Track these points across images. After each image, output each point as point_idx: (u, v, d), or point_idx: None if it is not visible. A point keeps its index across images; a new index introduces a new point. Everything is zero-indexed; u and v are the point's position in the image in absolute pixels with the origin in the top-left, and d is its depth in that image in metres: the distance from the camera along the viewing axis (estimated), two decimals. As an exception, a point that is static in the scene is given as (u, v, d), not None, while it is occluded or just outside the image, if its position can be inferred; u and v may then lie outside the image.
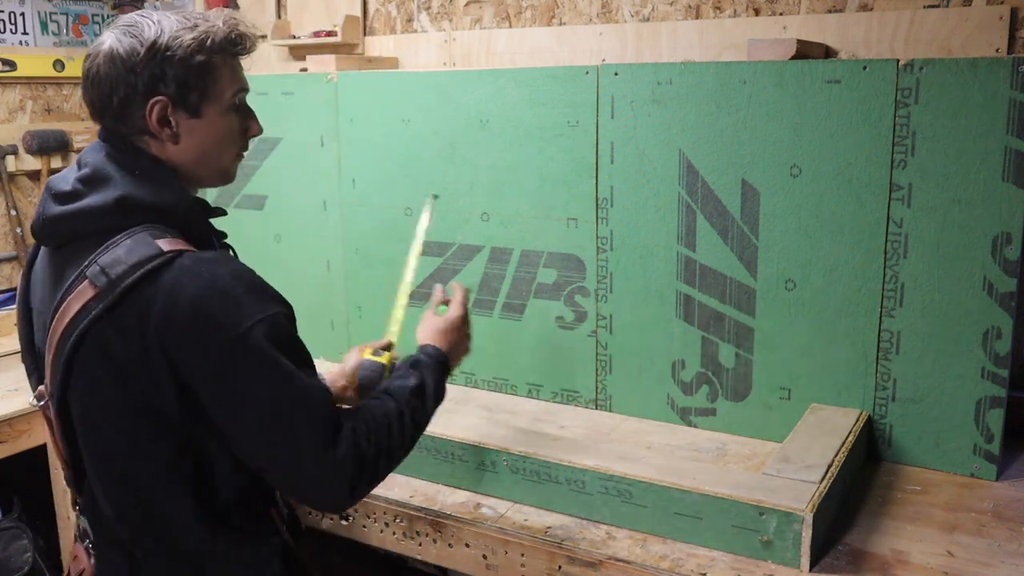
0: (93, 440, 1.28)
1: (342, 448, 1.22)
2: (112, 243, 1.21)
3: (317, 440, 1.20)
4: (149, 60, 1.22)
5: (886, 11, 2.06)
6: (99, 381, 1.22)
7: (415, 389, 1.40)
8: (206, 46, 1.24)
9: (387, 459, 1.30)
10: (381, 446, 1.27)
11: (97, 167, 1.26)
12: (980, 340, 1.73)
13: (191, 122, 1.27)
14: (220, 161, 1.33)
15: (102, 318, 1.18)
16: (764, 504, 1.48)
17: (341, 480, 1.22)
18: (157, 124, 1.25)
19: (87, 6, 3.28)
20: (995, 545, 1.53)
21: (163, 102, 1.24)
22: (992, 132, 1.65)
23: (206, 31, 1.24)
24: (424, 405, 1.40)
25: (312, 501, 1.34)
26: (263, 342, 1.17)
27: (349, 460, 1.22)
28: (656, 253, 1.99)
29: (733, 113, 1.85)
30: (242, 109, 1.34)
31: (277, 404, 1.19)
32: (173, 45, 1.22)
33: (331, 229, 2.45)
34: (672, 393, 2.05)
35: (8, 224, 3.12)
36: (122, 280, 1.17)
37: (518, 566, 1.61)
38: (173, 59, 1.22)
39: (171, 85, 1.23)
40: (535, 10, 2.53)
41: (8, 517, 2.73)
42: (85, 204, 1.23)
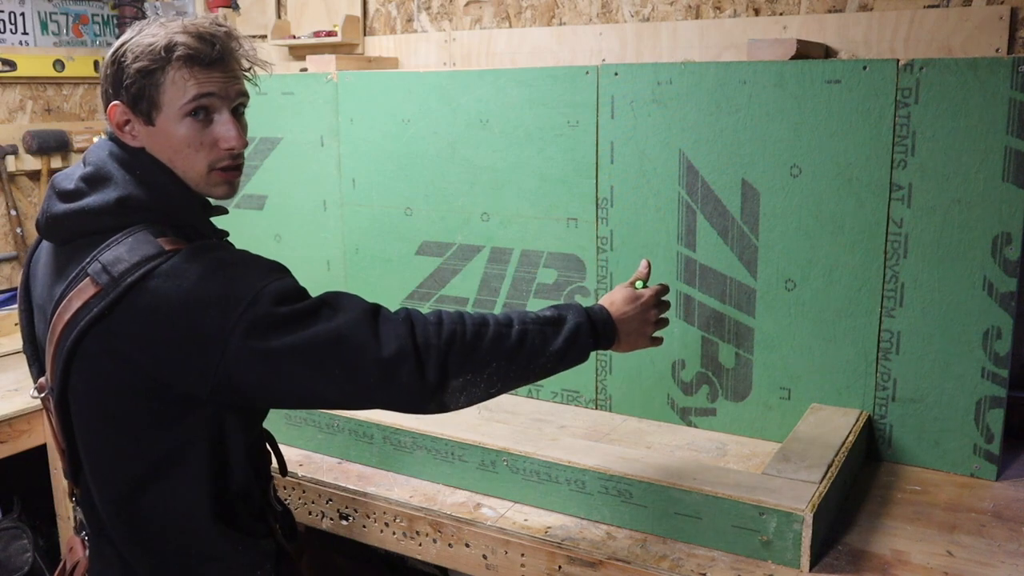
0: (91, 437, 1.29)
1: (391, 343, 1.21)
2: (113, 241, 1.22)
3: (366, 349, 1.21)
4: (111, 65, 1.26)
5: (886, 11, 2.06)
6: (101, 378, 1.23)
7: (544, 318, 1.36)
8: (147, 53, 1.23)
9: (471, 355, 1.26)
10: (458, 342, 1.25)
11: (99, 166, 1.27)
12: (980, 340, 1.73)
13: (147, 129, 1.27)
14: (188, 171, 1.29)
15: (104, 315, 1.18)
16: (764, 504, 1.48)
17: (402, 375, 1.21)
18: (118, 128, 1.28)
19: (87, 6, 3.28)
20: (995, 545, 1.53)
21: (120, 107, 1.26)
22: (992, 132, 1.65)
23: (155, 38, 1.23)
24: (545, 338, 1.34)
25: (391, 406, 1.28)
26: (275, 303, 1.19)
27: (406, 352, 1.21)
28: (656, 253, 1.99)
29: (733, 113, 1.85)
30: (206, 119, 1.28)
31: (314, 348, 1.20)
32: (128, 52, 1.24)
33: (331, 229, 2.45)
34: (672, 393, 2.05)
35: (8, 224, 3.12)
36: (124, 278, 1.17)
37: (518, 566, 1.61)
38: (124, 65, 1.24)
39: (126, 92, 1.25)
40: (535, 10, 2.53)
41: (8, 517, 2.73)
42: (87, 203, 1.25)
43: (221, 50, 1.28)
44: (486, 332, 1.30)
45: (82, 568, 1.41)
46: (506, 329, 1.32)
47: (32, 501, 2.74)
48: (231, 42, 1.30)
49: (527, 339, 1.33)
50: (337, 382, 1.22)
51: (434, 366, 1.24)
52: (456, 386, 1.26)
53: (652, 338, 1.53)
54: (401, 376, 1.22)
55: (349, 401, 1.27)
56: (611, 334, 1.45)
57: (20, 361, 2.56)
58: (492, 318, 1.33)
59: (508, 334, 1.31)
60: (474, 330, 1.29)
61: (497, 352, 1.30)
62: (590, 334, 1.40)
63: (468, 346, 1.27)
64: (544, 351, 1.35)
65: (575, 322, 1.39)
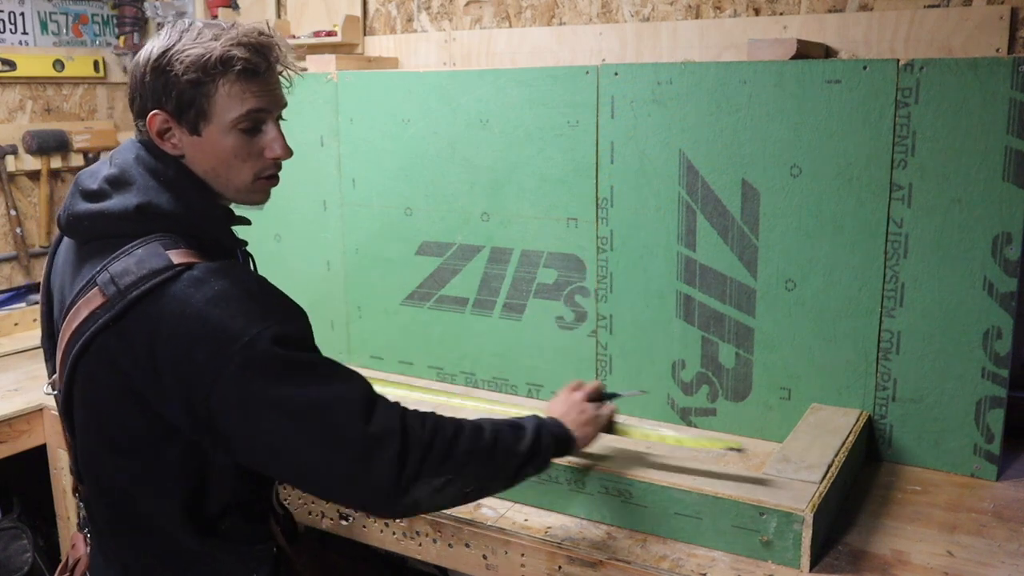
0: (87, 440, 1.30)
1: (381, 421, 1.17)
2: (124, 251, 1.21)
3: (354, 420, 1.16)
4: (153, 73, 1.23)
5: (886, 11, 2.06)
6: (99, 387, 1.23)
7: (508, 422, 1.36)
8: (199, 64, 1.21)
9: (451, 455, 1.22)
10: (441, 438, 1.21)
11: (124, 169, 1.26)
12: (980, 340, 1.73)
13: (192, 139, 1.26)
14: (233, 180, 1.30)
15: (108, 327, 1.18)
16: (764, 504, 1.48)
17: (384, 458, 1.15)
18: (158, 136, 1.26)
19: (87, 6, 3.28)
20: (995, 545, 1.53)
21: (163, 116, 1.25)
22: (992, 132, 1.65)
23: (207, 49, 1.22)
24: (517, 439, 1.33)
25: (358, 497, 1.22)
26: (278, 346, 1.15)
27: (394, 434, 1.17)
28: (656, 253, 1.99)
29: (733, 113, 1.85)
30: (255, 129, 1.28)
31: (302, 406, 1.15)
32: (175, 60, 1.22)
33: (331, 229, 2.45)
34: (672, 393, 2.05)
35: (8, 224, 3.12)
36: (130, 291, 1.17)
37: (518, 566, 1.61)
38: (171, 74, 1.22)
39: (171, 101, 1.23)
40: (535, 10, 2.53)
41: (8, 517, 2.73)
42: (107, 206, 1.24)
43: (272, 62, 1.28)
44: (463, 432, 1.27)
45: (83, 565, 1.42)
46: (480, 430, 1.30)
47: (32, 501, 2.74)
48: (279, 53, 1.30)
49: (499, 440, 1.31)
50: (316, 447, 1.15)
51: (415, 460, 1.19)
52: (436, 485, 1.22)
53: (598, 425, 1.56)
54: (383, 458, 1.16)
55: (321, 474, 1.18)
56: (565, 432, 1.46)
57: (20, 361, 2.56)
58: (465, 422, 1.30)
59: (483, 435, 1.29)
60: (454, 429, 1.26)
61: (475, 451, 1.26)
62: (549, 436, 1.41)
63: (449, 443, 1.23)
64: (515, 451, 1.33)
65: (535, 426, 1.39)
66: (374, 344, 2.45)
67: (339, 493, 1.23)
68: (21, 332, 2.85)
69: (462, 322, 2.29)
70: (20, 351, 2.63)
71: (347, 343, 2.49)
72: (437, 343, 2.34)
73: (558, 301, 2.14)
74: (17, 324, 2.86)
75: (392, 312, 2.39)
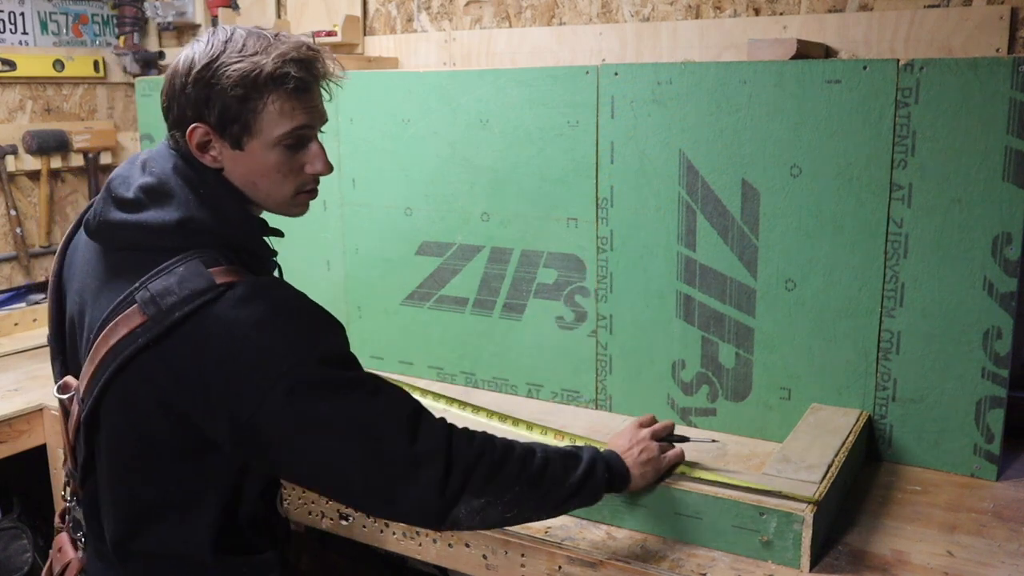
0: (114, 458, 1.28)
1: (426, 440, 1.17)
2: (165, 268, 1.19)
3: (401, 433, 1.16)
4: (196, 84, 1.21)
5: (886, 11, 2.06)
6: (135, 405, 1.22)
7: (562, 450, 1.35)
8: (248, 80, 1.19)
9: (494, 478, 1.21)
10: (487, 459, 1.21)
11: (163, 179, 1.24)
12: (980, 340, 1.73)
13: (233, 153, 1.25)
14: (272, 194, 1.30)
15: (149, 347, 1.17)
16: (764, 504, 1.48)
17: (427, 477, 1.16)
18: (197, 149, 1.25)
19: (87, 6, 3.28)
20: (995, 545, 1.53)
21: (204, 129, 1.23)
22: (992, 132, 1.65)
23: (256, 63, 1.19)
24: (566, 469, 1.31)
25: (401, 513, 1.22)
26: (320, 368, 1.16)
27: (439, 453, 1.17)
28: (656, 253, 1.99)
29: (733, 113, 1.85)
30: (299, 145, 1.28)
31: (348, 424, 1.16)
32: (220, 74, 1.19)
33: (331, 229, 2.45)
34: (672, 393, 2.05)
35: (8, 224, 3.12)
36: (172, 312, 1.16)
37: (518, 566, 1.61)
38: (216, 88, 1.20)
39: (214, 114, 1.21)
40: (535, 10, 2.53)
41: (8, 517, 2.73)
42: (146, 218, 1.22)
43: (318, 77, 1.27)
44: (512, 455, 1.26)
45: (74, 570, 1.39)
46: (531, 455, 1.28)
47: (32, 501, 2.74)
48: (325, 67, 1.28)
49: (549, 467, 1.29)
50: (361, 464, 1.17)
51: (458, 479, 1.19)
52: (476, 506, 1.21)
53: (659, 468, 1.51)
54: (427, 477, 1.17)
55: (365, 492, 1.19)
56: (622, 469, 1.43)
57: (20, 361, 2.56)
58: (517, 443, 1.29)
59: (533, 460, 1.27)
60: (502, 451, 1.25)
61: (521, 476, 1.25)
62: (604, 471, 1.39)
63: (495, 465, 1.23)
64: (564, 481, 1.31)
65: (591, 457, 1.37)
66: (374, 344, 2.45)
67: (382, 510, 1.23)
68: (21, 332, 2.84)
69: (462, 322, 2.29)
70: (20, 351, 2.63)
71: (347, 343, 2.49)
72: (437, 343, 2.34)
73: (558, 301, 2.14)
74: (17, 324, 2.86)
75: (392, 312, 2.39)
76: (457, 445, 1.21)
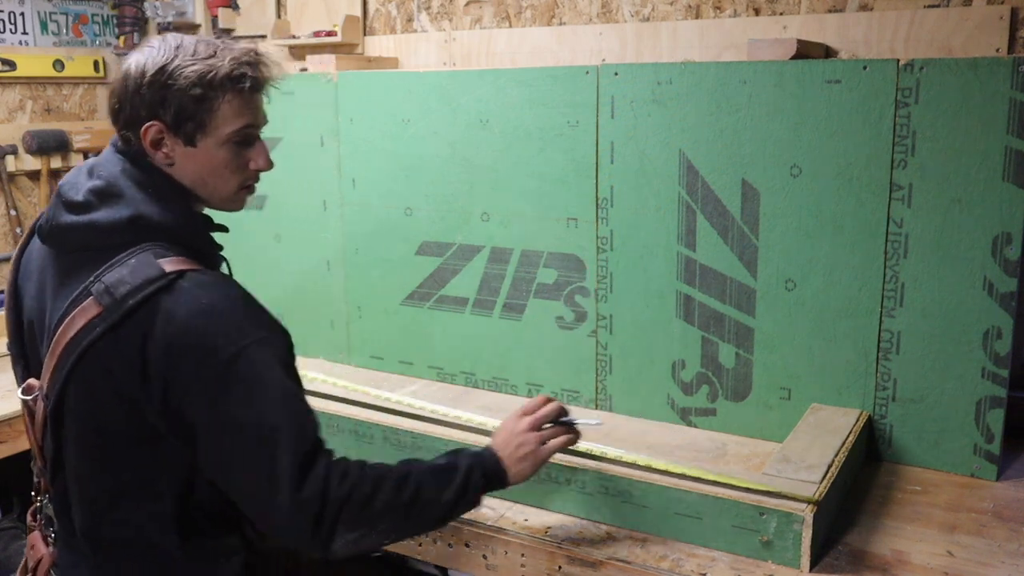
0: (78, 448, 1.31)
1: (309, 486, 1.22)
2: (117, 261, 1.24)
3: (294, 469, 1.21)
4: (151, 86, 1.27)
5: (886, 11, 2.06)
6: (94, 394, 1.26)
7: (439, 468, 1.37)
8: (205, 80, 1.27)
9: (366, 512, 1.27)
10: (357, 496, 1.26)
11: (111, 181, 1.29)
12: (980, 340, 1.73)
13: (185, 149, 1.30)
14: (219, 189, 1.36)
15: (105, 335, 1.21)
16: (764, 504, 1.48)
17: (303, 519, 1.22)
18: (151, 146, 1.30)
19: (87, 6, 3.28)
20: (995, 545, 1.53)
21: (158, 127, 1.28)
22: (992, 132, 1.65)
23: (211, 65, 1.27)
24: (440, 489, 1.35)
25: (279, 533, 1.29)
26: (255, 364, 1.21)
27: (314, 499, 1.22)
28: (656, 253, 1.99)
29: (733, 113, 1.85)
30: (246, 143, 1.34)
31: (260, 429, 1.21)
32: (176, 75, 1.26)
33: (331, 229, 2.45)
34: (672, 393, 2.05)
35: (8, 224, 3.12)
36: (126, 300, 1.20)
37: (518, 566, 1.61)
38: (174, 88, 1.26)
39: (169, 112, 1.27)
40: (535, 10, 2.53)
41: (8, 517, 2.73)
42: (97, 218, 1.27)
43: (266, 81, 1.34)
44: (383, 486, 1.29)
45: (46, 564, 1.43)
46: (404, 482, 1.32)
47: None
48: (272, 72, 1.36)
49: (422, 491, 1.33)
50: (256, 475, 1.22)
51: (331, 518, 1.24)
52: (351, 538, 1.27)
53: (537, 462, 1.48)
54: (303, 521, 1.22)
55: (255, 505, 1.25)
56: (498, 470, 1.44)
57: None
58: (392, 472, 1.32)
59: (405, 487, 1.31)
60: (373, 484, 1.28)
61: (394, 505, 1.30)
62: (480, 477, 1.40)
63: (366, 500, 1.27)
64: (439, 499, 1.35)
65: (467, 466, 1.39)
66: (374, 344, 2.45)
67: (268, 528, 1.28)
68: (21, 332, 2.84)
69: (462, 322, 2.29)
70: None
71: (347, 343, 2.49)
72: (437, 343, 2.34)
73: (558, 301, 2.14)
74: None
75: (392, 312, 2.39)
76: (331, 488, 1.24)
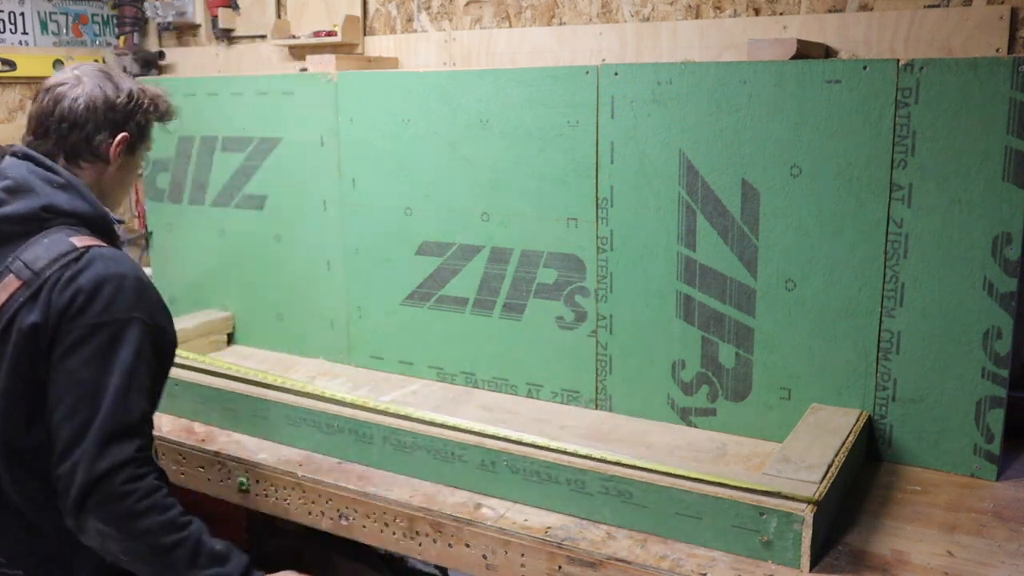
0: (4, 393, 1.46)
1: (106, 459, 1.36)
2: (32, 242, 1.47)
3: (101, 433, 1.37)
4: (126, 105, 1.59)
5: (886, 11, 2.06)
6: (17, 346, 1.44)
7: (212, 551, 1.45)
8: (156, 110, 1.65)
9: (127, 522, 1.38)
10: (131, 503, 1.38)
11: (20, 180, 1.52)
12: (980, 340, 1.73)
13: (127, 158, 1.63)
14: (125, 192, 1.72)
15: (25, 303, 1.43)
16: (764, 504, 1.48)
17: (84, 479, 1.36)
18: (117, 146, 1.59)
19: (87, 6, 3.28)
20: (995, 545, 1.53)
21: (126, 137, 1.60)
22: (992, 132, 1.65)
23: (155, 97, 1.65)
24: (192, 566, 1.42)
25: (58, 482, 1.40)
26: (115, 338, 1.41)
27: (102, 472, 1.35)
28: (656, 253, 1.99)
29: (733, 113, 1.85)
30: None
31: (93, 388, 1.39)
32: (142, 101, 1.62)
33: (331, 229, 2.45)
34: (672, 393, 2.05)
35: (8, 224, 3.11)
36: (44, 272, 1.43)
37: (518, 566, 1.61)
38: (140, 110, 1.61)
39: (134, 128, 1.61)
40: (535, 10, 2.53)
41: None
42: (9, 211, 1.49)
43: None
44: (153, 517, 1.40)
45: None
46: (173, 531, 1.41)
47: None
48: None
49: (175, 554, 1.42)
50: (69, 423, 1.39)
51: (95, 502, 1.37)
52: (100, 529, 1.38)
53: None
54: (80, 479, 1.36)
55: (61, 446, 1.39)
56: None
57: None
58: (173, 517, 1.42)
59: (168, 535, 1.41)
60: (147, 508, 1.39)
61: (145, 536, 1.39)
62: None
63: (130, 514, 1.38)
64: (184, 570, 1.43)
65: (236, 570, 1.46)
66: (374, 344, 2.45)
67: (55, 475, 1.40)
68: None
69: (462, 322, 2.29)
70: None
71: (347, 343, 2.49)
72: (437, 343, 2.34)
73: (558, 301, 2.14)
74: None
75: (392, 312, 2.39)
76: (119, 476, 1.38)
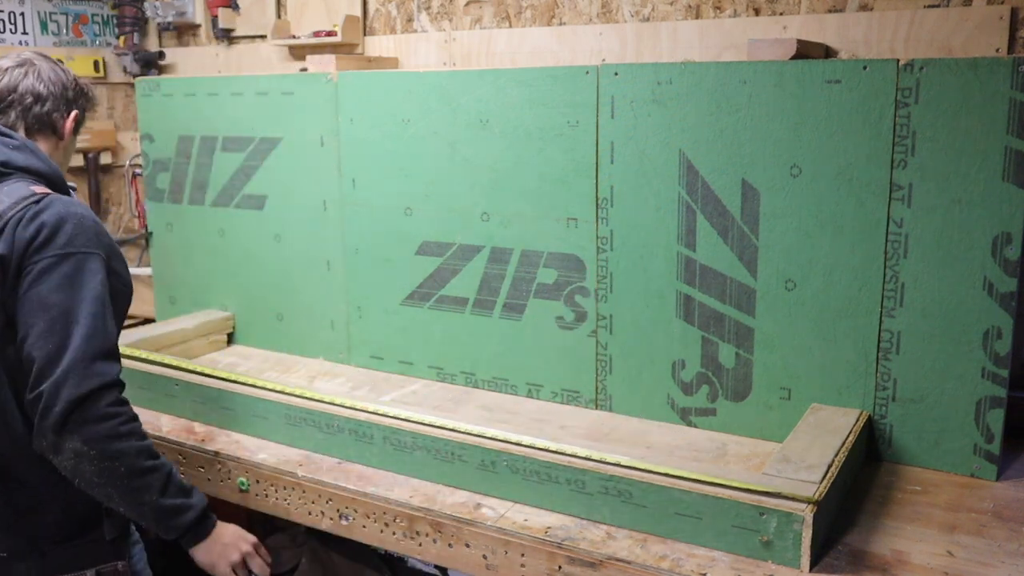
0: None
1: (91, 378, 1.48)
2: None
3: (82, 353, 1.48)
4: (76, 88, 1.83)
5: (886, 11, 2.06)
6: None
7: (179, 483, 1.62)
8: (91, 97, 1.89)
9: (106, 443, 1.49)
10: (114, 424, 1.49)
11: None
12: (980, 340, 1.73)
13: (71, 138, 1.84)
14: (67, 163, 1.88)
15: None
16: (764, 504, 1.48)
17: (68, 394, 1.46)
18: (68, 128, 1.81)
19: (87, 6, 3.28)
20: (995, 545, 1.53)
21: (77, 115, 1.83)
22: (992, 132, 1.65)
23: (88, 86, 1.88)
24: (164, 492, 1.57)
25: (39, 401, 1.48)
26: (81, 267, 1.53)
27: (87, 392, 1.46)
28: (656, 253, 1.99)
29: (733, 113, 1.85)
30: None
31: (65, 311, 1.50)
32: (83, 86, 1.86)
33: (331, 229, 2.45)
34: (672, 393, 2.05)
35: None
36: (7, 213, 1.54)
37: (518, 566, 1.61)
38: (83, 94, 1.86)
39: (80, 109, 1.84)
40: (535, 10, 2.53)
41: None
42: None
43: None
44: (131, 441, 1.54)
45: None
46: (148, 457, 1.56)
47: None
48: None
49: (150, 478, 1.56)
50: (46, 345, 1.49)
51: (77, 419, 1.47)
52: (76, 448, 1.48)
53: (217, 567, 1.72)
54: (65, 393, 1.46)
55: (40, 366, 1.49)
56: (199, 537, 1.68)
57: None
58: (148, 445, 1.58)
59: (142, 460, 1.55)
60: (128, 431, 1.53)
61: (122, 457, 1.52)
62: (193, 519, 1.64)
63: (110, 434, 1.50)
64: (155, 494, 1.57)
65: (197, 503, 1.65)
66: (374, 344, 2.45)
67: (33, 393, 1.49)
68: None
69: (462, 322, 2.29)
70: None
71: (347, 343, 2.49)
72: (437, 343, 2.34)
73: (558, 301, 2.14)
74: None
75: (392, 312, 2.39)
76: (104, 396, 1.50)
